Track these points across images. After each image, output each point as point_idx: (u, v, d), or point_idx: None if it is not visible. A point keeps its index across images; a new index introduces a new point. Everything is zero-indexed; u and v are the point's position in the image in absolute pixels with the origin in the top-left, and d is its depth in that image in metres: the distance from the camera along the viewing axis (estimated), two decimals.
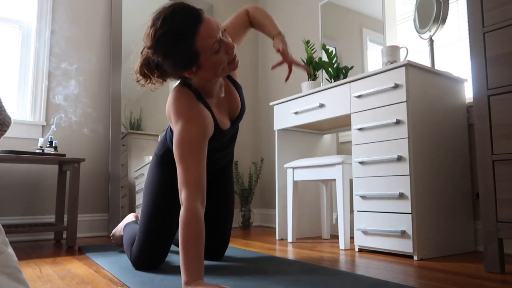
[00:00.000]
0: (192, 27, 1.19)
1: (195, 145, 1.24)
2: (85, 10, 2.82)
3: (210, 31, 1.20)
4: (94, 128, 2.77)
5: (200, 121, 1.28)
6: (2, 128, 0.76)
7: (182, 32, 1.19)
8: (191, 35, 1.19)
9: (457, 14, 2.22)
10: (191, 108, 1.30)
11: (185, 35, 1.19)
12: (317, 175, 2.19)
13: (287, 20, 3.33)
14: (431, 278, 1.35)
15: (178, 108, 1.30)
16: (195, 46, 1.20)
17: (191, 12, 1.20)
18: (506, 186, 1.41)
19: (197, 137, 1.25)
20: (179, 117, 1.28)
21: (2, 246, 0.69)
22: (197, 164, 1.21)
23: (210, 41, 1.20)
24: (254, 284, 1.24)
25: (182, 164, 1.21)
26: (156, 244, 1.50)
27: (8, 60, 2.61)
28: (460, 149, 1.98)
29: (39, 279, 1.36)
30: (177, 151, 1.23)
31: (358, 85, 1.99)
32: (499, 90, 1.45)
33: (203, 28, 1.19)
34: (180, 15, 1.19)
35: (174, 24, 1.19)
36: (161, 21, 1.19)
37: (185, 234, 1.12)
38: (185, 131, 1.25)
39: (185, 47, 1.20)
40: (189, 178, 1.19)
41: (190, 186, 1.18)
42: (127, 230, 1.73)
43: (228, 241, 1.73)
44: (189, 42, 1.19)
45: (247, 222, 3.14)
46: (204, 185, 1.21)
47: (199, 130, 1.27)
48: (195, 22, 1.19)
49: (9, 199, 2.43)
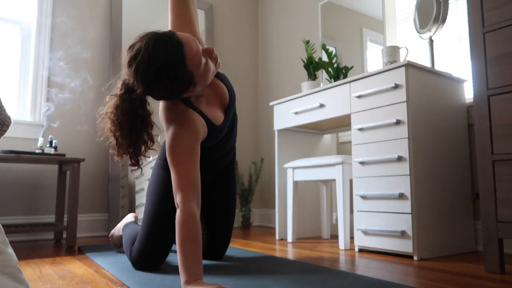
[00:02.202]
0: (179, 54, 1.17)
1: (186, 150, 1.26)
2: (85, 10, 2.82)
3: (192, 48, 1.19)
4: (94, 128, 2.77)
5: (190, 126, 1.30)
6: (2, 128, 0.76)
7: (174, 63, 1.17)
8: (182, 61, 1.18)
9: (457, 14, 2.22)
10: (179, 114, 1.32)
11: (178, 64, 1.17)
12: (317, 175, 2.19)
13: (287, 20, 3.33)
14: (431, 278, 1.35)
15: (168, 116, 1.32)
16: (187, 69, 1.20)
17: (170, 40, 1.18)
18: (506, 186, 1.41)
19: (187, 142, 1.27)
20: (169, 124, 1.30)
21: (2, 246, 0.69)
22: (190, 167, 1.24)
23: (197, 58, 1.21)
24: (254, 284, 1.24)
25: (175, 168, 1.23)
26: (158, 244, 1.50)
27: (8, 60, 2.61)
28: (460, 149, 1.98)
29: (39, 279, 1.36)
30: (170, 157, 1.26)
31: (358, 85, 1.99)
32: (499, 90, 1.45)
33: (187, 49, 1.19)
34: (164, 47, 1.16)
35: (163, 58, 1.16)
36: (147, 60, 1.15)
37: (182, 236, 1.14)
38: (176, 136, 1.27)
39: (182, 75, 1.20)
40: (182, 181, 1.21)
41: (184, 189, 1.20)
42: (127, 230, 1.72)
43: (229, 241, 1.73)
44: (182, 69, 1.19)
45: (247, 222, 3.14)
46: (198, 187, 1.23)
47: (189, 135, 1.28)
48: (179, 47, 1.17)
49: (9, 199, 2.43)
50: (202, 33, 3.29)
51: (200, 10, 3.32)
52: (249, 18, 3.67)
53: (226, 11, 3.52)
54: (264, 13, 3.64)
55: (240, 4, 3.61)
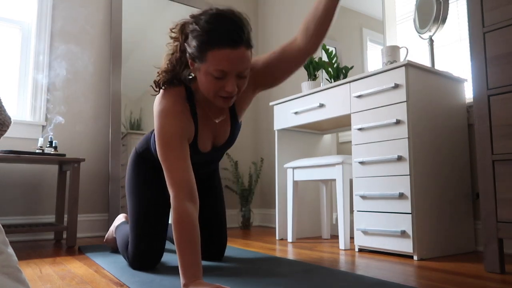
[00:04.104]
0: (222, 40, 1.12)
1: (175, 140, 1.21)
2: (85, 10, 2.82)
3: (229, 62, 1.12)
4: (94, 128, 2.77)
5: (178, 119, 1.24)
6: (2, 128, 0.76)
7: (214, 35, 1.13)
8: (215, 43, 1.12)
9: (457, 14, 2.22)
10: (175, 104, 1.26)
11: (213, 38, 1.13)
12: (317, 175, 2.19)
13: (287, 20, 3.33)
14: (431, 278, 1.35)
15: (162, 102, 1.27)
16: (208, 51, 1.14)
17: (237, 32, 1.13)
18: (506, 186, 1.41)
19: (176, 133, 1.22)
20: (160, 112, 1.25)
21: (2, 246, 0.69)
22: (179, 160, 1.18)
23: (218, 64, 1.13)
24: (254, 284, 1.24)
25: (165, 163, 1.19)
26: (150, 246, 1.50)
27: (8, 60, 2.61)
28: (460, 149, 1.98)
29: (39, 279, 1.36)
30: (159, 147, 1.21)
31: (358, 85, 1.99)
32: (499, 90, 1.45)
33: (227, 52, 1.12)
34: (228, 26, 1.13)
35: (220, 24, 1.13)
36: (217, 11, 1.16)
37: (178, 235, 1.10)
38: (165, 125, 1.22)
39: (205, 40, 1.14)
40: (173, 177, 1.16)
41: (175, 185, 1.15)
42: (119, 232, 1.71)
43: (225, 242, 1.72)
44: (209, 44, 1.13)
45: (247, 222, 3.14)
46: (192, 183, 1.17)
47: (176, 128, 1.23)
48: (229, 41, 1.12)
49: (9, 199, 2.43)
50: None
51: (200, 10, 3.32)
52: (249, 18, 3.66)
53: None
54: (264, 13, 3.64)
55: (240, 4, 3.61)
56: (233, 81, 1.16)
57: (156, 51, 3.04)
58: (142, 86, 2.97)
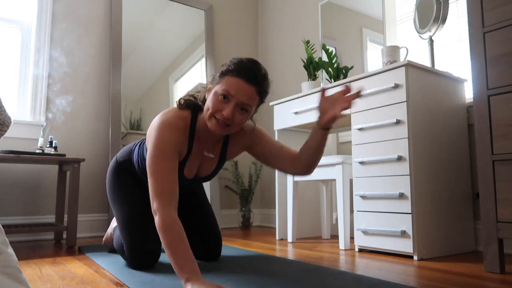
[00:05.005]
0: (241, 73, 1.25)
1: (171, 151, 1.27)
2: (85, 10, 2.82)
3: (237, 89, 1.24)
4: (94, 128, 2.78)
5: (177, 135, 1.31)
6: (2, 128, 0.76)
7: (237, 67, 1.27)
8: (234, 72, 1.26)
9: (457, 14, 2.22)
10: (179, 121, 1.34)
11: (236, 68, 1.26)
12: (317, 175, 2.19)
13: (287, 20, 3.33)
14: (431, 278, 1.35)
15: (167, 114, 1.35)
16: (226, 76, 1.27)
17: (256, 74, 1.27)
18: (506, 186, 1.41)
19: (173, 144, 1.29)
20: (163, 122, 1.31)
21: (2, 246, 0.69)
22: (171, 172, 1.24)
23: (228, 86, 1.25)
24: (253, 284, 1.24)
25: (156, 173, 1.23)
26: (142, 248, 1.51)
27: (8, 60, 2.61)
28: (460, 149, 1.98)
29: (39, 279, 1.36)
30: (154, 156, 1.26)
31: (358, 85, 1.99)
32: (499, 90, 1.45)
33: (239, 81, 1.24)
34: (250, 66, 1.28)
35: (245, 63, 1.29)
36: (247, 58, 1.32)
37: (169, 240, 1.14)
38: (165, 134, 1.28)
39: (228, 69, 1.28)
40: (162, 187, 1.21)
41: (162, 195, 1.20)
42: (116, 233, 1.73)
43: (219, 243, 1.71)
44: (230, 71, 1.27)
45: (247, 222, 3.14)
46: (177, 196, 1.23)
47: (174, 140, 1.30)
48: (246, 75, 1.25)
49: (9, 199, 2.43)
50: (201, 33, 3.29)
51: (200, 10, 3.32)
52: (249, 18, 3.67)
53: (226, 11, 3.51)
54: (264, 13, 3.64)
55: (240, 4, 3.61)
56: (232, 109, 1.25)
57: (156, 51, 3.04)
58: (142, 86, 2.97)
